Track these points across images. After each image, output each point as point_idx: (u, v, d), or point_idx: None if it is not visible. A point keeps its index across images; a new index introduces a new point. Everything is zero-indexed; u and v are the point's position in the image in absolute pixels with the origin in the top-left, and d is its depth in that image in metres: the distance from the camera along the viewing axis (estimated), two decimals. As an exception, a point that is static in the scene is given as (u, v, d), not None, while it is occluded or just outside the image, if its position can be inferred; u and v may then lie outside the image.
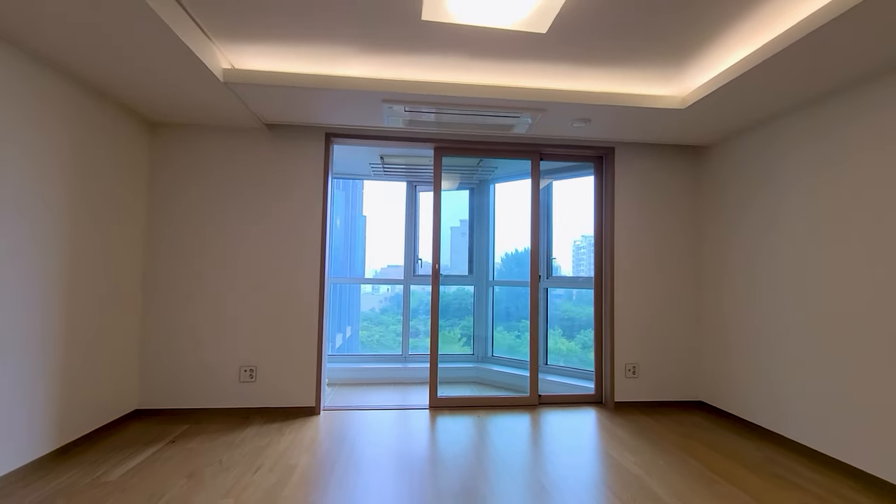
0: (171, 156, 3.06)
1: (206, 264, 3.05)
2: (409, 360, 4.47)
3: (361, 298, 6.81)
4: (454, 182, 4.63)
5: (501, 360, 4.37)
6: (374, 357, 4.46)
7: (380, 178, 4.57)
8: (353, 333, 7.14)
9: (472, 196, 4.66)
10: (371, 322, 6.40)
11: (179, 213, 3.05)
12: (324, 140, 3.18)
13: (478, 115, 2.74)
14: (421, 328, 4.80)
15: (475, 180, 4.55)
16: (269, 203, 3.12)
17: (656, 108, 2.68)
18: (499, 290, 4.62)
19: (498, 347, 4.51)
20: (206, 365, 3.03)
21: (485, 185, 4.61)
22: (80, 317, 2.45)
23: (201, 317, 3.03)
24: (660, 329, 3.40)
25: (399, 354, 4.50)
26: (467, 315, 4.74)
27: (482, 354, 4.50)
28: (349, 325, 7.07)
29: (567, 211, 4.23)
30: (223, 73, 2.36)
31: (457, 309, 4.74)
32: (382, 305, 6.30)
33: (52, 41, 1.97)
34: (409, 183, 4.60)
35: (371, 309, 6.60)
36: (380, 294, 6.57)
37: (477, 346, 4.51)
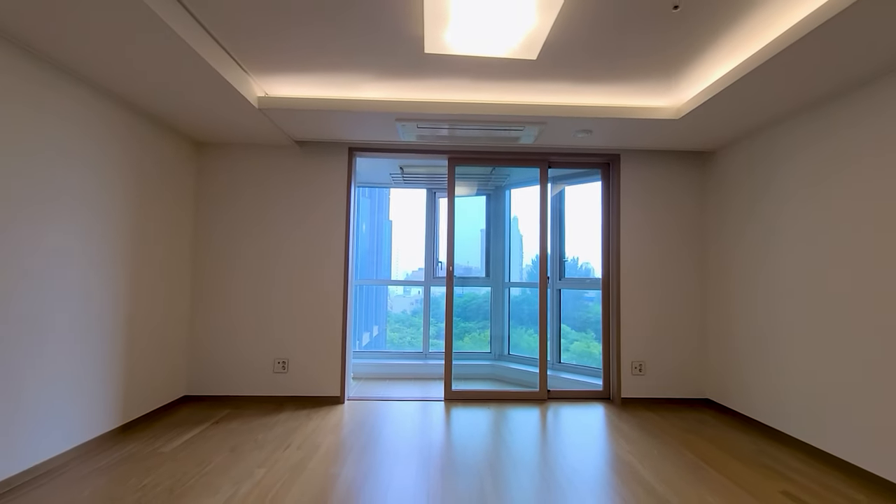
0: (214, 172, 3.46)
1: (244, 269, 3.43)
2: (430, 357, 4.74)
3: (393, 301, 7.08)
4: (472, 188, 4.88)
5: (517, 357, 4.57)
6: (397, 354, 4.76)
7: (400, 186, 4.88)
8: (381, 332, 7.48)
9: (488, 201, 4.89)
10: (402, 324, 6.63)
11: (222, 224, 3.44)
12: (347, 154, 3.50)
13: (485, 129, 2.99)
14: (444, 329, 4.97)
15: (490, 187, 4.79)
16: (300, 213, 3.47)
17: (652, 119, 2.84)
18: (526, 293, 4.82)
19: (515, 346, 4.71)
20: (245, 357, 3.40)
21: (500, 190, 4.83)
22: (140, 314, 2.86)
23: (241, 315, 3.41)
24: (666, 329, 3.53)
25: (420, 352, 4.78)
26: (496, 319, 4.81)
27: (499, 352, 4.71)
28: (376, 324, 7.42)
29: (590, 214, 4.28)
30: (258, 101, 2.71)
31: (487, 312, 4.88)
32: (413, 308, 6.52)
33: (117, 79, 2.36)
34: (429, 190, 4.89)
35: (402, 311, 6.86)
36: (411, 296, 6.81)
37: (494, 345, 4.73)
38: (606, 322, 3.65)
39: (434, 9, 1.86)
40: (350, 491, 2.06)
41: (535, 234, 4.79)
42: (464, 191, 4.87)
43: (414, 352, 4.80)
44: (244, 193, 3.46)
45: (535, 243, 4.82)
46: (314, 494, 2.02)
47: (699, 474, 2.27)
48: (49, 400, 2.21)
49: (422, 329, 4.84)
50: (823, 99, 2.51)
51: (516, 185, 4.72)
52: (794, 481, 2.21)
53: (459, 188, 4.09)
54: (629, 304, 3.52)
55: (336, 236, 3.47)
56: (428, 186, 4.86)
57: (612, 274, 3.61)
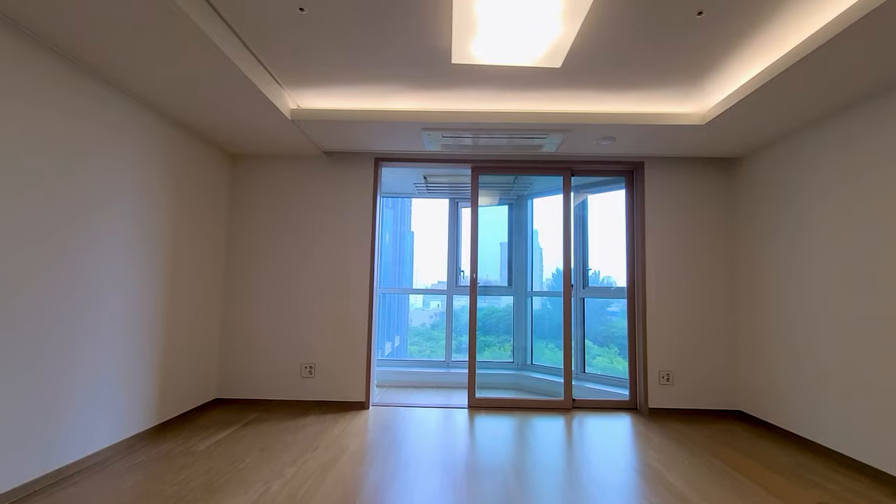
0: (247, 182, 3.61)
1: (273, 276, 3.54)
2: (452, 365, 4.76)
3: (413, 314, 7.09)
4: (494, 198, 4.93)
5: (540, 367, 4.54)
6: (420, 362, 4.79)
7: (424, 196, 4.97)
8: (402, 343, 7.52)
9: (511, 211, 4.92)
10: (422, 337, 6.63)
11: (254, 232, 3.57)
12: (373, 164, 3.60)
13: (508, 137, 3.04)
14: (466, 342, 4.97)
15: (513, 196, 4.83)
16: (328, 221, 3.57)
17: (677, 125, 2.85)
18: (544, 302, 4.81)
19: (539, 356, 4.68)
20: (273, 362, 3.49)
21: (523, 200, 4.86)
22: (177, 317, 2.98)
23: (270, 321, 3.51)
24: (694, 338, 3.47)
25: (442, 360, 4.80)
26: (518, 332, 4.76)
27: (522, 362, 4.69)
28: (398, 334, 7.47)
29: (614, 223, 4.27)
30: (291, 113, 2.84)
31: (508, 326, 4.85)
32: (433, 321, 6.54)
33: (161, 94, 2.51)
34: (452, 199, 4.96)
35: (422, 324, 6.85)
36: (430, 310, 6.83)
37: (517, 355, 4.72)
38: (632, 331, 3.61)
39: (462, 21, 1.94)
40: (377, 489, 2.09)
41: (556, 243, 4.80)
42: (486, 200, 4.92)
43: (436, 360, 4.82)
44: (275, 203, 3.59)
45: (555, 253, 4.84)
46: (343, 492, 2.06)
47: (731, 483, 2.21)
48: (95, 396, 2.32)
49: (442, 342, 4.87)
50: (853, 101, 2.48)
51: (539, 194, 4.75)
52: (832, 491, 2.14)
53: (482, 198, 4.14)
54: (655, 313, 3.48)
55: (362, 244, 3.56)
56: (451, 196, 4.93)
57: (638, 282, 3.58)
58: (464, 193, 4.81)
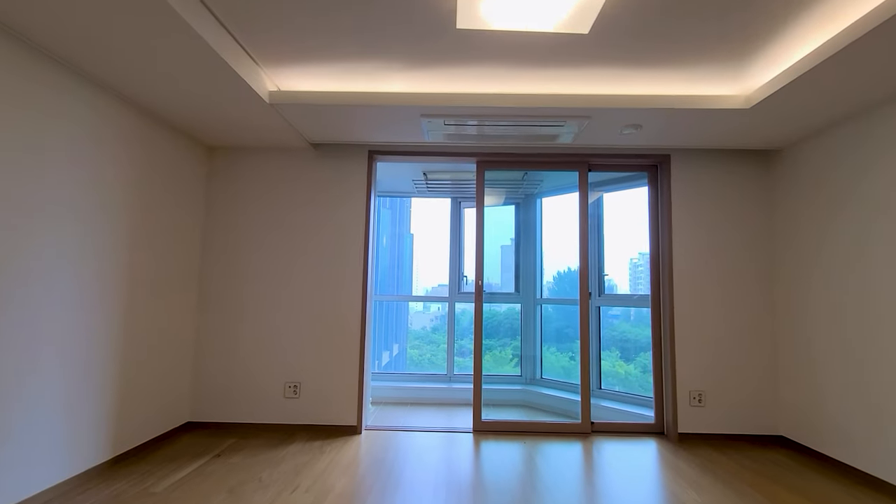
0: (225, 178, 3.22)
1: (254, 283, 3.14)
2: (455, 380, 4.35)
3: (413, 317, 6.85)
4: (500, 198, 4.54)
5: (551, 382, 4.14)
6: (419, 376, 4.38)
7: (423, 195, 4.58)
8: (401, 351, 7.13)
9: (518, 211, 4.53)
10: (422, 341, 6.41)
11: (232, 233, 3.18)
12: (367, 158, 3.21)
13: (520, 125, 2.66)
14: (469, 347, 4.63)
15: (521, 195, 4.44)
16: (316, 222, 3.18)
17: (716, 109, 2.46)
18: (551, 310, 4.42)
19: (549, 370, 4.28)
20: (254, 380, 3.09)
21: (531, 199, 4.47)
22: (139, 332, 2.58)
23: (249, 333, 3.11)
24: (728, 353, 3.06)
25: (444, 374, 4.39)
26: (518, 335, 4.55)
27: (530, 376, 4.29)
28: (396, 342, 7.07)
29: (622, 225, 3.99)
30: (269, 96, 2.45)
31: (508, 329, 4.60)
32: (434, 324, 6.36)
33: (113, 71, 2.12)
34: (454, 199, 4.57)
35: (422, 328, 6.66)
36: (430, 313, 6.61)
37: (525, 368, 4.32)
38: (658, 345, 3.21)
39: (470, -31, 1.56)
40: (366, 553, 1.69)
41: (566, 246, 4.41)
42: (491, 200, 4.53)
43: (437, 374, 4.42)
44: (256, 201, 3.20)
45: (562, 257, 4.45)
46: (322, 557, 1.66)
47: (801, 541, 1.81)
48: (29, 427, 1.92)
49: (442, 346, 4.47)
50: (932, 79, 2.09)
51: (549, 192, 4.36)
52: (928, 554, 1.74)
53: (487, 197, 3.75)
54: (685, 325, 3.08)
55: (354, 248, 3.16)
56: (453, 195, 4.54)
57: (665, 290, 3.18)
58: (467, 192, 4.41)
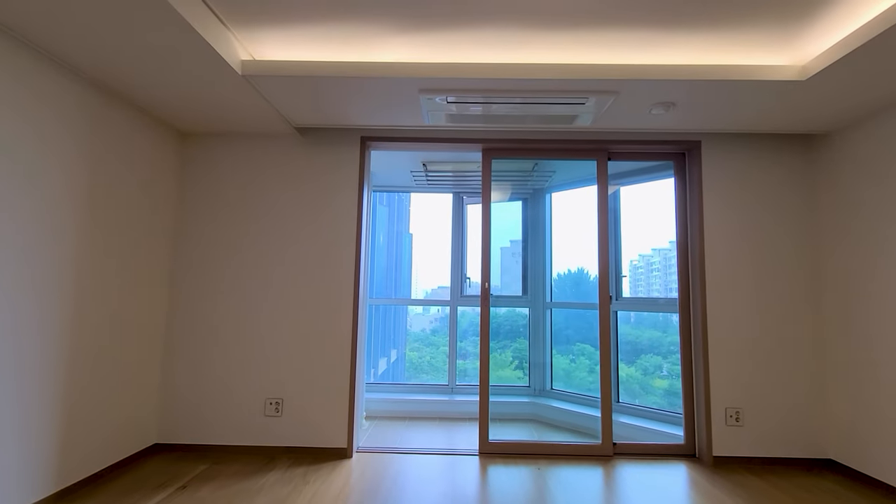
0: (199, 169, 2.86)
1: (232, 286, 2.78)
2: (457, 391, 3.98)
3: (412, 319, 6.58)
4: (505, 193, 4.18)
5: (562, 394, 3.77)
6: (418, 387, 4.02)
7: (423, 189, 4.21)
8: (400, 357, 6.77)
9: (525, 208, 4.17)
10: (422, 343, 6.14)
11: (207, 231, 2.81)
12: (359, 145, 2.85)
13: (533, 103, 2.30)
14: (470, 349, 4.37)
15: (529, 189, 4.08)
16: (301, 218, 2.82)
17: (766, 80, 2.10)
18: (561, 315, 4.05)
19: (560, 380, 3.92)
20: (230, 396, 2.72)
21: (539, 195, 4.11)
22: (92, 342, 2.21)
23: (226, 343, 2.75)
24: (770, 364, 2.70)
25: (446, 385, 4.02)
26: (519, 337, 4.26)
27: (539, 387, 3.92)
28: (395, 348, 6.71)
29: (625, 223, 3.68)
30: (242, 66, 2.09)
31: (508, 331, 4.30)
32: (433, 326, 6.09)
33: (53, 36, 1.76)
34: (456, 194, 4.21)
35: (422, 330, 6.37)
36: (430, 315, 6.33)
37: (534, 378, 3.95)
38: (687, 355, 2.84)
39: None
40: None
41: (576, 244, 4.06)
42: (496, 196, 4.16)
43: (438, 385, 4.05)
44: (235, 194, 2.84)
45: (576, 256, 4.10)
46: None
47: None
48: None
49: (442, 349, 4.12)
50: None
51: (559, 186, 4.00)
52: None
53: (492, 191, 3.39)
54: (719, 331, 2.72)
55: (345, 247, 2.80)
56: (455, 190, 4.18)
57: (696, 292, 2.82)
58: (470, 185, 4.05)
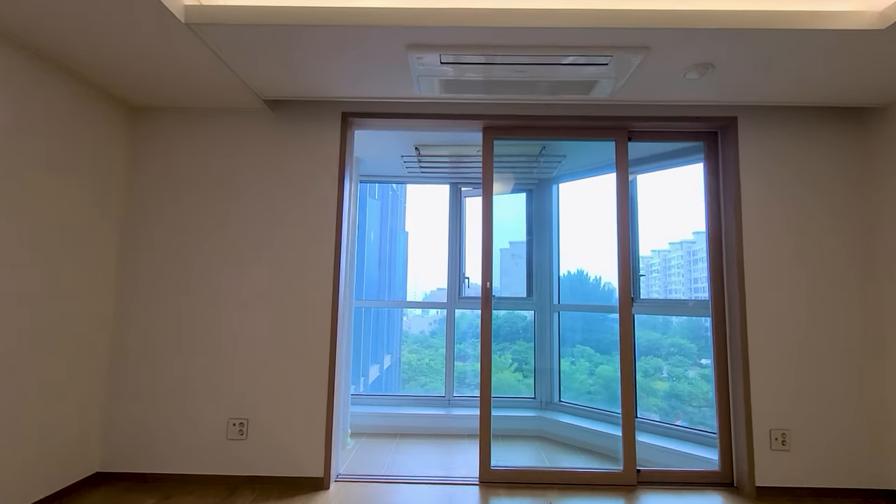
0: (152, 151, 2.45)
1: (190, 290, 2.37)
2: (455, 404, 3.58)
3: (412, 321, 6.42)
4: (507, 184, 3.78)
5: (571, 407, 3.37)
6: (411, 400, 3.60)
7: (417, 180, 3.80)
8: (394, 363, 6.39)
9: (530, 200, 3.77)
10: (421, 345, 6.02)
11: (160, 226, 2.41)
12: (339, 122, 2.45)
13: (544, 63, 1.90)
14: (469, 351, 4.07)
15: (534, 179, 3.68)
16: (271, 210, 2.42)
17: (833, 30, 1.70)
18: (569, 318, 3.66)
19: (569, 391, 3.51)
20: (187, 416, 2.31)
21: (546, 186, 3.72)
22: (15, 354, 1.80)
23: (183, 355, 2.33)
24: (822, 375, 2.30)
25: (442, 397, 3.61)
26: (518, 339, 3.97)
27: (546, 399, 3.52)
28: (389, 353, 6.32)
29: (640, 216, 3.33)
30: (185, 11, 1.69)
31: (508, 332, 4.04)
32: (432, 328, 6.00)
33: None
34: (453, 185, 3.80)
35: (421, 332, 6.30)
36: (429, 317, 6.20)
37: (539, 389, 3.55)
38: (722, 366, 2.44)
39: None
40: None
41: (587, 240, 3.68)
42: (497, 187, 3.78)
43: (434, 396, 3.64)
44: (193, 183, 2.43)
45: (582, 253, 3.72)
46: None
47: None
48: None
49: (442, 351, 3.71)
50: None
51: (567, 176, 3.61)
52: None
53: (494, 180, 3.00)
54: (761, 338, 2.32)
55: (323, 242, 2.39)
56: (452, 179, 3.77)
57: (732, 291, 2.41)
58: (469, 174, 3.63)
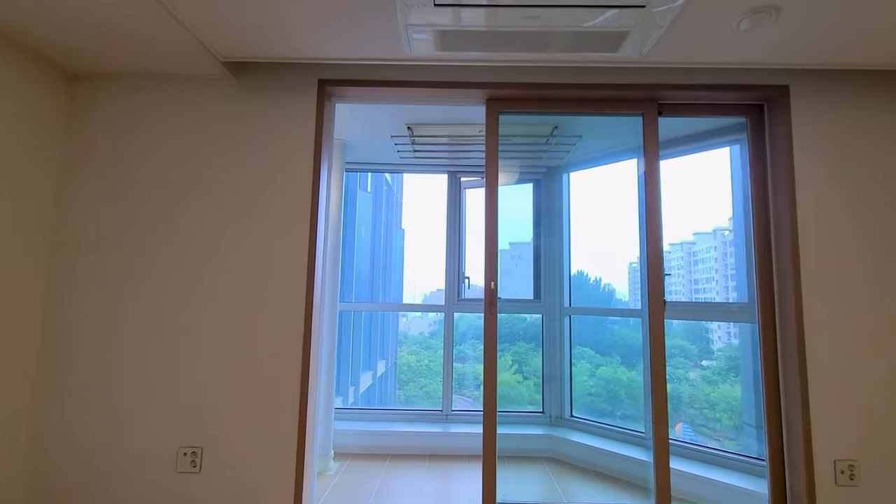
0: (94, 125, 2.06)
1: (134, 292, 1.98)
2: (453, 419, 3.19)
3: (411, 322, 6.14)
4: (511, 174, 3.40)
5: (584, 424, 2.98)
6: (405, 415, 3.21)
7: (410, 167, 3.40)
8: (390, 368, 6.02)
9: (537, 192, 3.39)
10: (420, 346, 5.86)
11: (100, 216, 2.02)
12: (315, 91, 2.06)
13: (562, 5, 1.51)
14: (469, 353, 3.88)
15: (542, 167, 3.29)
16: (231, 198, 2.02)
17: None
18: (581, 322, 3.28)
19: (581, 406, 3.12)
20: (129, 444, 1.91)
21: (555, 175, 3.33)
22: None
23: (124, 371, 1.94)
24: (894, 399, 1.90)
25: (439, 411, 3.22)
26: (518, 340, 3.73)
27: (556, 414, 3.13)
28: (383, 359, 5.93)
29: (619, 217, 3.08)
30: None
31: (507, 333, 3.89)
32: (432, 329, 5.79)
33: None
34: (451, 174, 3.41)
35: (420, 332, 6.11)
36: (429, 318, 5.91)
37: (548, 402, 3.15)
38: (772, 382, 2.04)
39: None
40: None
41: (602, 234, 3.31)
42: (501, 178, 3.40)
43: (430, 410, 3.24)
44: (139, 163, 2.04)
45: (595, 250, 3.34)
46: None
47: None
48: None
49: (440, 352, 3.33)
50: None
51: (579, 164, 3.22)
52: None
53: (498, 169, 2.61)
54: (822, 352, 1.92)
55: (293, 238, 2.00)
56: (450, 168, 3.38)
57: (785, 293, 2.02)
58: (470, 159, 3.23)
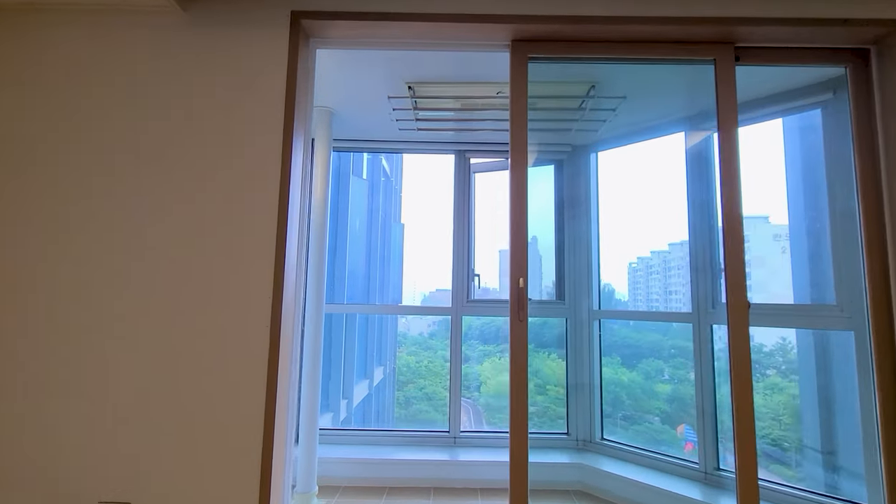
0: (7, 73, 1.57)
1: (51, 294, 1.48)
2: (461, 444, 2.69)
3: (411, 322, 5.98)
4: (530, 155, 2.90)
5: (618, 450, 2.49)
6: (405, 437, 2.71)
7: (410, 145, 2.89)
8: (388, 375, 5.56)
9: (559, 176, 2.90)
10: (420, 346, 5.79)
11: (9, 193, 1.52)
12: (288, 27, 1.57)
13: None
14: (469, 353, 3.67)
15: (566, 144, 2.80)
16: (178, 172, 1.53)
17: None
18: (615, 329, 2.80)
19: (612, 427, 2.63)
20: (38, 498, 1.42)
21: (581, 155, 2.84)
22: None
23: (30, 392, 1.45)
24: None
25: (446, 433, 2.72)
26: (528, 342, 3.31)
27: (585, 437, 2.64)
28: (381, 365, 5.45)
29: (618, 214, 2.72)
30: None
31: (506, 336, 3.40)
32: (431, 329, 5.80)
33: None
34: (459, 153, 2.92)
35: (420, 333, 6.07)
36: (429, 318, 5.86)
37: (577, 424, 2.66)
38: (890, 395, 1.55)
39: None
40: None
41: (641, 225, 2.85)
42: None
43: (435, 432, 2.74)
44: (60, 125, 1.55)
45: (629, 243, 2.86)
46: None
47: None
48: None
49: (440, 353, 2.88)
50: None
51: (609, 142, 2.73)
52: None
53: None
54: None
55: (255, 228, 1.51)
56: (458, 145, 2.89)
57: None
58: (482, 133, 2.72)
